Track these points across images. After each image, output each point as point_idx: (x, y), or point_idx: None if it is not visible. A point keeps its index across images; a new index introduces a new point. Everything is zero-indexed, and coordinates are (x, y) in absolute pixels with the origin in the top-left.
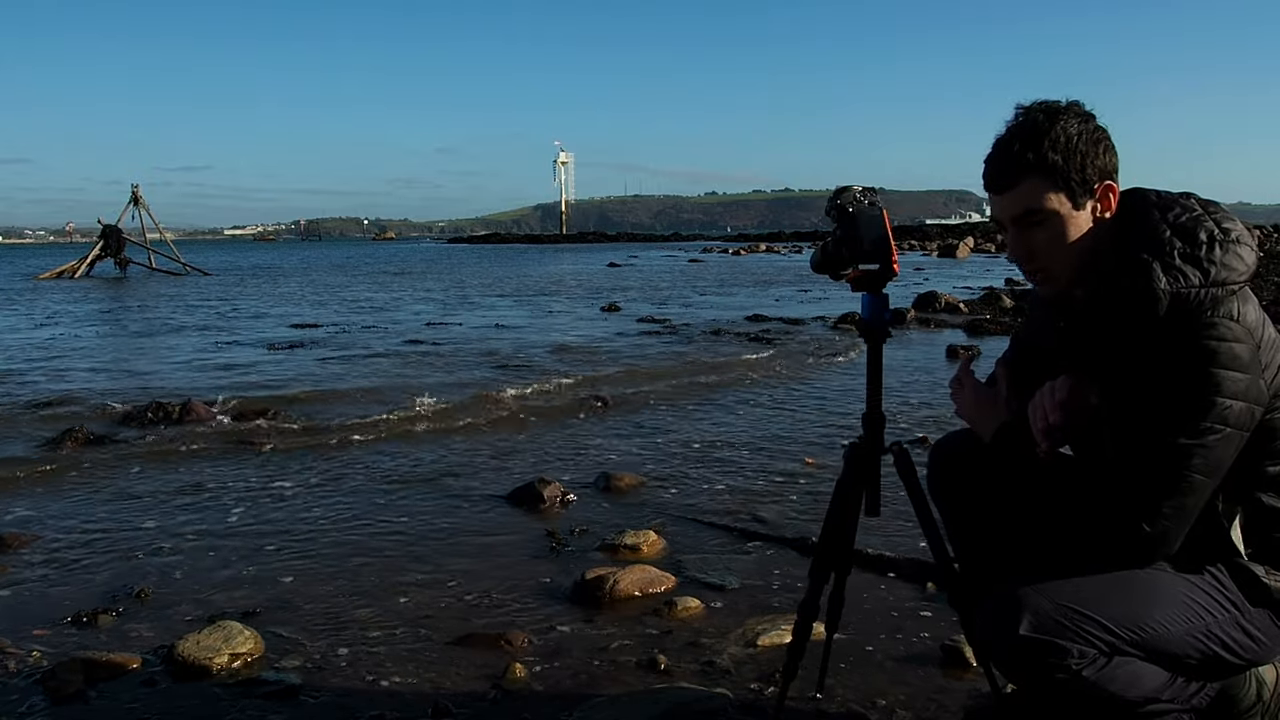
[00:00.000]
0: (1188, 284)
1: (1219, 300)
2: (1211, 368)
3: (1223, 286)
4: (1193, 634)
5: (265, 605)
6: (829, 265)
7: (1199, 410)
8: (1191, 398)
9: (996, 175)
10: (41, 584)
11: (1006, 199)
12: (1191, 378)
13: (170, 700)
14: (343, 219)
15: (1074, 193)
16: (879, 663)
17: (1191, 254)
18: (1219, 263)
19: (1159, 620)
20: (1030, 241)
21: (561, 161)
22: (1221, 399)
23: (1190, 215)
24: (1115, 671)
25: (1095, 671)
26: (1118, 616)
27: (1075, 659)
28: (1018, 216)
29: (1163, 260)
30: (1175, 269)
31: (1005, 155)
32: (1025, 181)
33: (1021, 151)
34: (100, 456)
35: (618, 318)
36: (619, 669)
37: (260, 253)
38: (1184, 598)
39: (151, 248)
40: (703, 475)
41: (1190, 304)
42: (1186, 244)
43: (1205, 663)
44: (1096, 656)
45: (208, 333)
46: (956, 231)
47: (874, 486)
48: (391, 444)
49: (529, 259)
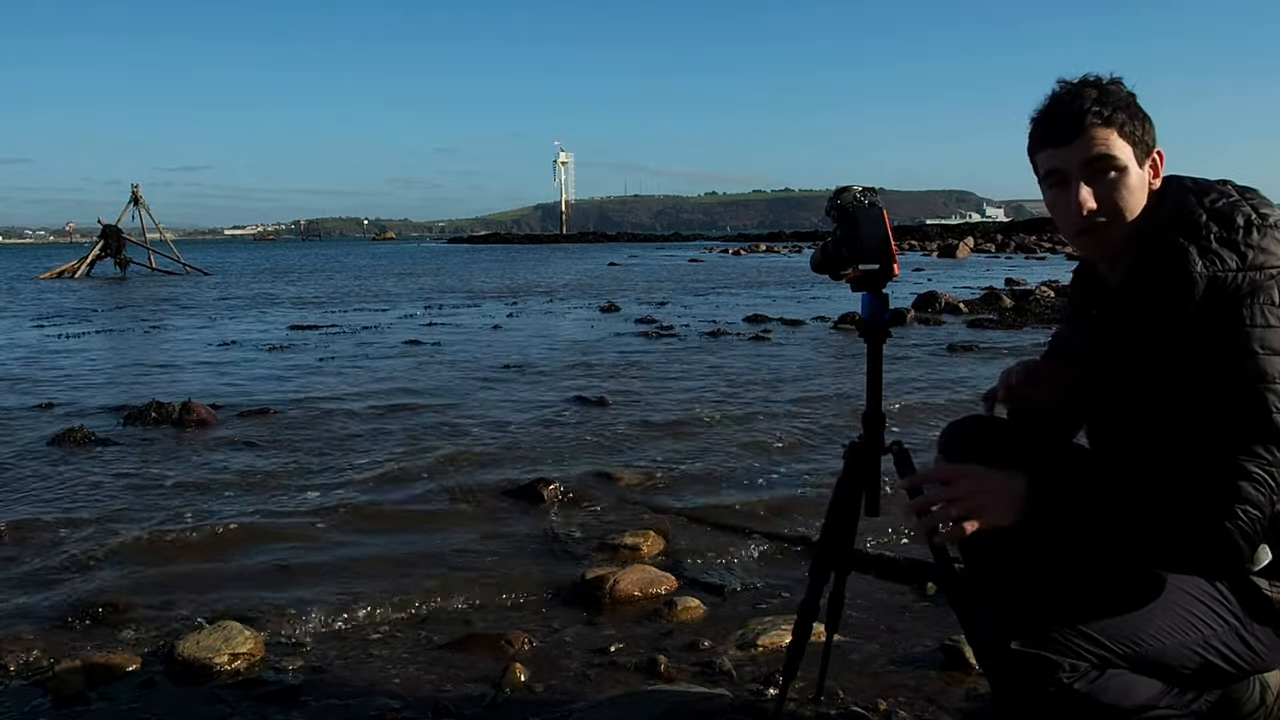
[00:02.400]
0: (1225, 268)
1: (1258, 285)
2: (1261, 353)
3: (1261, 270)
4: (1190, 646)
5: (265, 605)
6: (829, 265)
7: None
8: (1243, 385)
9: (1063, 123)
10: (41, 584)
11: (1076, 145)
12: (1240, 365)
13: (170, 701)
14: (343, 219)
15: (1137, 149)
16: (879, 663)
17: (1228, 238)
18: (1256, 246)
19: (1154, 633)
20: (1100, 191)
21: (561, 161)
22: (1275, 385)
23: (1227, 200)
24: (1108, 684)
25: (1086, 684)
26: (1111, 630)
27: (1066, 673)
28: (1089, 160)
29: (1199, 244)
30: (1212, 253)
31: (1071, 106)
32: (1097, 130)
33: (1092, 103)
34: (100, 456)
35: (617, 318)
36: (619, 670)
37: (260, 253)
38: (1181, 610)
39: (151, 248)
40: (704, 473)
41: (1228, 289)
42: (1223, 228)
43: (1204, 672)
44: (1088, 670)
45: (207, 333)
46: (956, 231)
47: (874, 486)
48: (389, 442)
49: (529, 259)
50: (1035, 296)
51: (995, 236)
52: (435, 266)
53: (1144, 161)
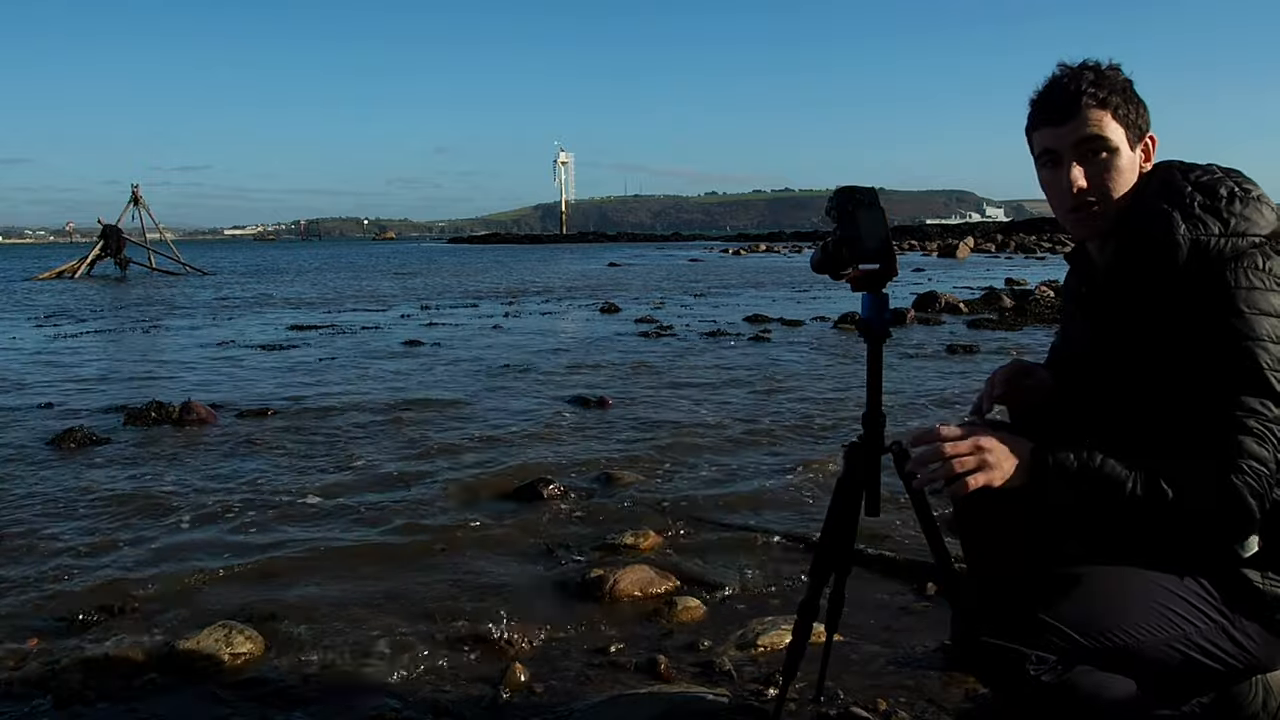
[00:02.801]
0: (1207, 232)
1: (1241, 251)
2: (1248, 314)
3: (1243, 237)
4: (1170, 643)
5: (265, 605)
6: (829, 265)
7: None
8: (1234, 346)
9: (1058, 105)
10: (41, 584)
11: (1069, 126)
12: (1229, 327)
13: (170, 701)
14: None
15: (1130, 132)
16: (879, 663)
17: (1211, 205)
18: (1239, 214)
19: (1129, 629)
20: (1091, 171)
21: (561, 161)
22: (1265, 344)
23: (1211, 176)
24: (1077, 679)
25: (1054, 677)
26: (1082, 623)
27: (1033, 664)
28: (1081, 141)
29: (1182, 209)
30: (1195, 217)
31: (1069, 87)
32: (1091, 111)
33: (1087, 85)
34: (100, 456)
35: (617, 318)
36: (619, 670)
37: (260, 253)
38: (1160, 606)
39: (151, 248)
40: (704, 473)
41: (1210, 252)
42: (1206, 197)
43: (1189, 671)
44: (1056, 663)
45: (207, 333)
46: (956, 231)
47: (874, 486)
48: (389, 443)
49: (529, 259)
50: (1035, 296)
51: (995, 236)
52: (435, 266)
53: (1136, 145)
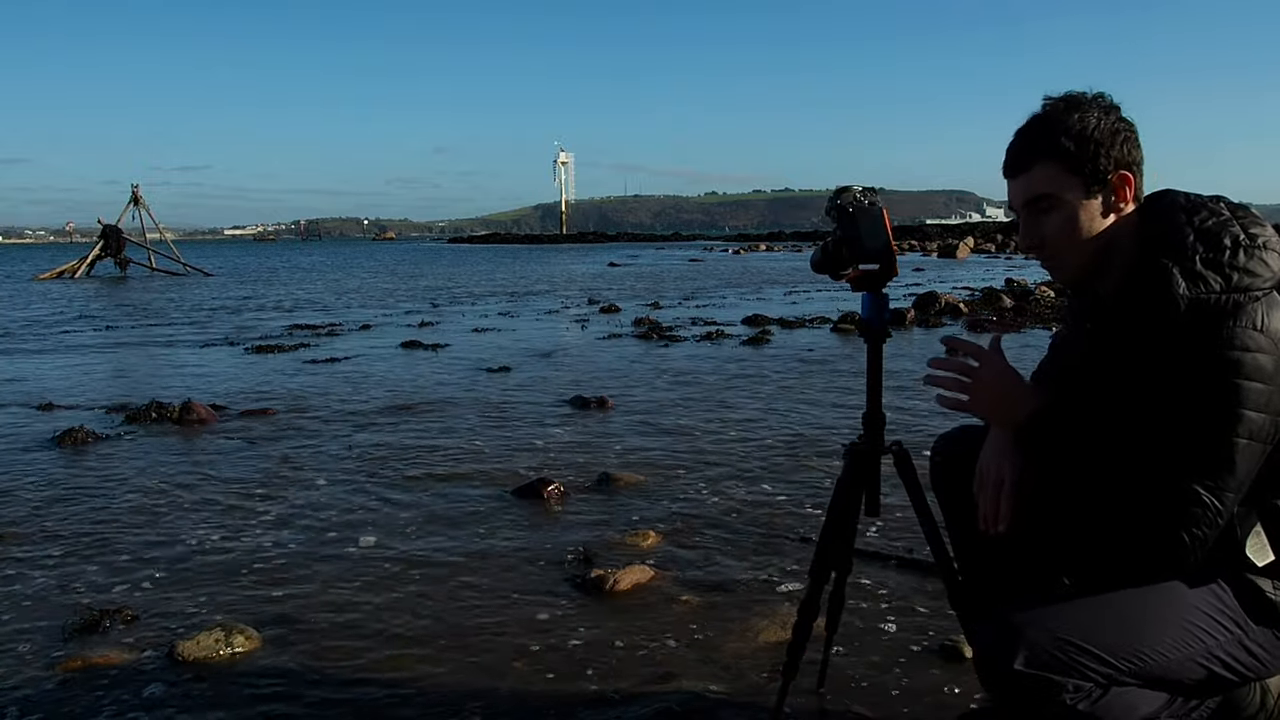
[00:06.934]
0: (1208, 290)
1: (1241, 307)
2: (1233, 379)
3: (1245, 293)
4: (1193, 658)
5: (265, 605)
6: (829, 265)
7: (1221, 422)
8: (1213, 409)
9: (1011, 159)
10: (40, 584)
11: (1019, 183)
12: (1213, 388)
13: (170, 700)
14: (343, 219)
15: (1086, 181)
16: (879, 662)
17: (1214, 259)
18: (1241, 268)
19: (1158, 648)
20: (1040, 228)
21: (561, 161)
22: (1244, 410)
23: (1217, 220)
24: (1112, 702)
25: (1090, 704)
26: (1115, 647)
27: (1070, 693)
28: (1029, 201)
29: (1183, 265)
30: (1196, 274)
31: (1021, 140)
32: (1038, 167)
33: (1036, 137)
34: (100, 456)
35: (617, 319)
36: (619, 667)
37: (260, 253)
38: (1183, 621)
39: (152, 248)
40: (704, 474)
41: (1211, 310)
42: (1209, 249)
43: (1207, 682)
44: (1092, 690)
45: (207, 333)
46: (956, 231)
47: (874, 486)
48: (389, 442)
49: (529, 259)
50: (1035, 296)
51: (995, 236)
52: (435, 266)
53: (1096, 191)
